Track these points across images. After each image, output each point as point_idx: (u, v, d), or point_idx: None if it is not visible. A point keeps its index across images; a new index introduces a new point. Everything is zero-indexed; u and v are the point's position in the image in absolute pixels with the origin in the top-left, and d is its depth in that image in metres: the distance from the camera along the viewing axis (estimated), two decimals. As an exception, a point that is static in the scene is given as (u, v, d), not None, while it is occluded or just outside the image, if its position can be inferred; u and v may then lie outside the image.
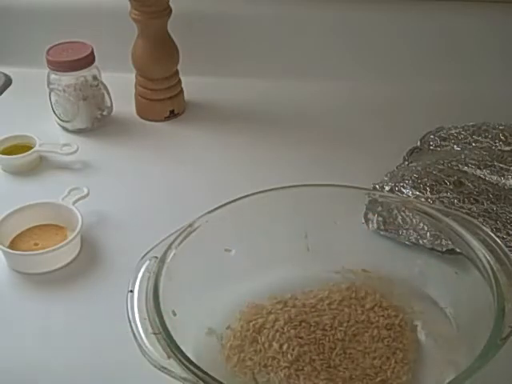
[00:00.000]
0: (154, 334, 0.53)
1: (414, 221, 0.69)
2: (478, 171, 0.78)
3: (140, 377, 0.57)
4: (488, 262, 0.58)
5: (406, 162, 0.83)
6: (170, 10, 0.90)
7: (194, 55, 0.98)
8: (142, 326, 0.53)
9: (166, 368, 0.51)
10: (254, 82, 1.00)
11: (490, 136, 0.84)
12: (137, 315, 0.54)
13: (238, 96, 0.97)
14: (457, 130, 0.87)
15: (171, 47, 0.93)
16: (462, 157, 0.80)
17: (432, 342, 0.61)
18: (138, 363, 0.53)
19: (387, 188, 0.75)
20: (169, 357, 0.51)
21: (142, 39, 0.92)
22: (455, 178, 0.76)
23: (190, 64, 0.96)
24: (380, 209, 0.72)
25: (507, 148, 0.82)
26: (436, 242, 0.68)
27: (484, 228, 0.62)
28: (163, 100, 0.94)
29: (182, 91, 0.97)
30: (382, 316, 0.62)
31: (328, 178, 0.69)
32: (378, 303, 0.63)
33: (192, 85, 0.97)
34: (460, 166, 0.79)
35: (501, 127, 0.85)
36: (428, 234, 0.68)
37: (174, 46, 0.93)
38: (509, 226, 0.71)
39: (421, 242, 0.69)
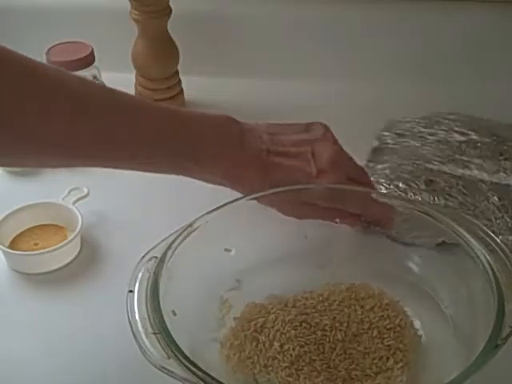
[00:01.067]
0: (154, 333, 0.53)
1: (414, 221, 0.69)
2: (444, 167, 0.78)
3: (140, 377, 0.58)
4: (488, 262, 0.58)
5: (371, 164, 0.81)
6: (170, 10, 0.90)
7: (194, 55, 0.98)
8: (142, 326, 0.53)
9: (166, 368, 0.51)
10: (254, 81, 1.00)
11: (443, 128, 0.84)
12: (137, 315, 0.54)
13: (238, 96, 0.97)
14: (409, 124, 0.86)
15: (171, 47, 0.93)
16: (425, 152, 0.80)
17: (432, 341, 0.61)
18: (138, 363, 0.53)
19: None
20: (169, 357, 0.51)
21: (141, 39, 0.92)
22: (424, 177, 0.76)
23: (190, 64, 0.96)
24: (380, 209, 0.72)
25: (463, 138, 0.83)
26: (436, 242, 0.68)
27: (484, 228, 0.62)
28: (163, 100, 0.94)
29: (182, 91, 0.97)
30: (382, 316, 0.62)
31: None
32: (377, 304, 0.63)
33: (192, 85, 0.97)
34: (426, 164, 0.79)
35: (451, 116, 0.86)
36: (427, 233, 0.68)
37: (174, 46, 0.93)
38: (486, 214, 0.72)
39: (421, 241, 0.69)
